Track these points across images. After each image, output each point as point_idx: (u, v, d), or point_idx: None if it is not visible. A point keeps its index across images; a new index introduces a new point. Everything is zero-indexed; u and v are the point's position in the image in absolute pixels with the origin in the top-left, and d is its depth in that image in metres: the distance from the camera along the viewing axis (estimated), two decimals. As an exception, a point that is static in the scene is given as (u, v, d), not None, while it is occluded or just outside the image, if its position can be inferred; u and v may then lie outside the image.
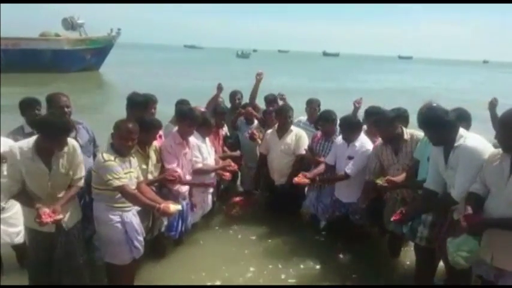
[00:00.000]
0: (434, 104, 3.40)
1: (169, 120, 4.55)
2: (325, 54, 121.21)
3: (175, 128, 4.05)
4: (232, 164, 4.39)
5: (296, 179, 4.06)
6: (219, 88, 5.44)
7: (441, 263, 3.28)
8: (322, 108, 5.10)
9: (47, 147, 2.84)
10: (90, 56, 27.16)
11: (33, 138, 2.90)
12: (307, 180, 4.07)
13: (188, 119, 3.92)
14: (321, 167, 4.28)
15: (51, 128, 2.79)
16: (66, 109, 3.52)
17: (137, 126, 3.16)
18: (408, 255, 4.13)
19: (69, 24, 26.93)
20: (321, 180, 4.27)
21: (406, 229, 3.44)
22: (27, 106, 3.69)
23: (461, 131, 2.77)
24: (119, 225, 3.12)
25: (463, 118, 3.23)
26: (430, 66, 78.10)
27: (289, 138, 4.79)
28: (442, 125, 2.74)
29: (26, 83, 16.04)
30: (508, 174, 2.40)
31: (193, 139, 4.09)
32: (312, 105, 5.19)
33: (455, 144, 2.71)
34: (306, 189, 4.75)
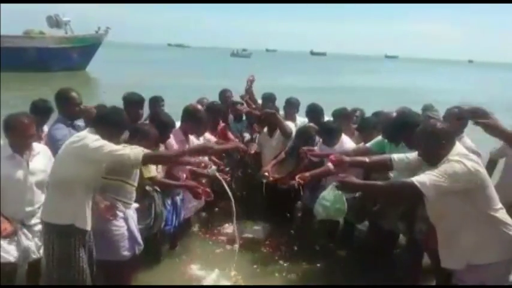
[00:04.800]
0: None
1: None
2: (312, 53, 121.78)
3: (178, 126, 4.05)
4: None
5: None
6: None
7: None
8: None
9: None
10: (76, 55, 26.53)
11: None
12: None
13: (194, 118, 4.01)
14: (280, 156, 4.51)
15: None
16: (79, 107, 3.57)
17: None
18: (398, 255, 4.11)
19: (54, 22, 26.41)
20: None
21: (402, 226, 3.45)
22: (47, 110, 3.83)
23: None
24: (121, 220, 3.06)
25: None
26: (415, 65, 79.04)
27: (279, 134, 4.75)
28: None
29: (9, 82, 15.70)
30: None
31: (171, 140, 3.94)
32: (290, 105, 5.15)
33: None
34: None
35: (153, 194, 3.52)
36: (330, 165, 2.97)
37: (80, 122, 3.70)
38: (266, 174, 4.34)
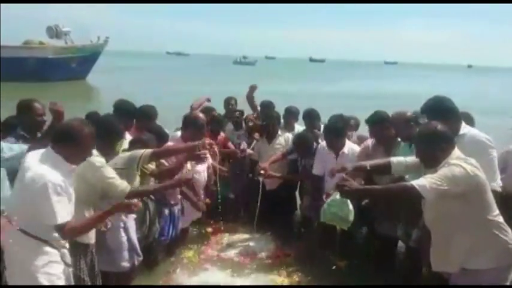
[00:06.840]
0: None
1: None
2: (311, 60, 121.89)
3: (178, 135, 4.10)
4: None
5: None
6: (208, 100, 5.40)
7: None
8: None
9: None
10: (75, 65, 26.68)
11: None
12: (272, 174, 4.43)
13: (193, 127, 3.99)
14: (278, 155, 4.57)
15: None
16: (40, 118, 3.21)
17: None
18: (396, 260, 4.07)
19: (54, 32, 26.61)
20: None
21: (400, 232, 3.42)
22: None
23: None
24: (122, 230, 3.06)
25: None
26: (414, 70, 79.27)
27: (279, 143, 4.79)
28: None
29: (8, 92, 15.71)
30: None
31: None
32: (290, 114, 5.13)
33: None
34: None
35: (147, 200, 3.50)
36: None
37: None
38: (262, 171, 4.33)
